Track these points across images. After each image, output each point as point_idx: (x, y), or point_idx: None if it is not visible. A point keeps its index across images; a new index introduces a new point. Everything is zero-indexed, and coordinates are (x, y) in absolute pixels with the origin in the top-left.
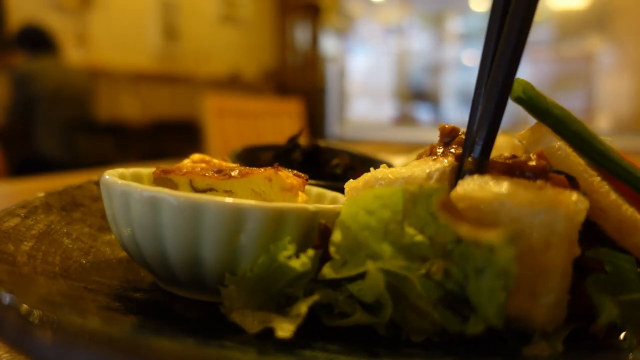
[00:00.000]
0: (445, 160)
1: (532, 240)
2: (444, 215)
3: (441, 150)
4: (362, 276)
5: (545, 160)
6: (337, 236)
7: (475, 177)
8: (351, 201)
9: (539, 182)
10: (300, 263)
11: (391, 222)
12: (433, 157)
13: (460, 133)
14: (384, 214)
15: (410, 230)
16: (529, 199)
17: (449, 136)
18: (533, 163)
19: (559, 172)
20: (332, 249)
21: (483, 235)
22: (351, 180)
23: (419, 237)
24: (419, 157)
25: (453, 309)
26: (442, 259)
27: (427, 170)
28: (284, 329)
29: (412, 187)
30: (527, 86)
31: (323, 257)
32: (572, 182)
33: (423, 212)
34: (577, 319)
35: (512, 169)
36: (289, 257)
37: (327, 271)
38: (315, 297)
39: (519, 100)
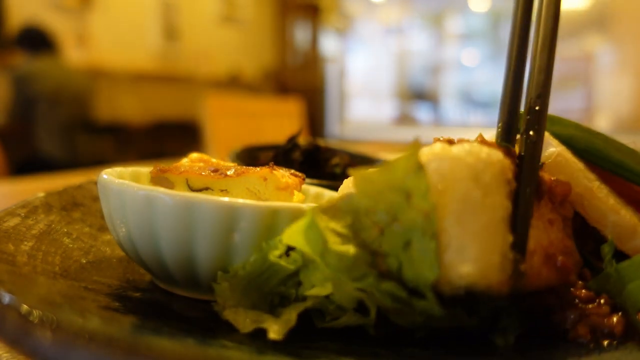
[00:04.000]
0: None
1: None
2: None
3: None
4: None
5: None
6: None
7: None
8: (289, 232)
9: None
10: (292, 261)
11: (323, 248)
12: None
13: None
14: (316, 242)
15: (342, 248)
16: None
17: None
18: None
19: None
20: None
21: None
22: (346, 181)
23: (350, 250)
24: None
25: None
26: (374, 257)
27: None
28: (276, 331)
29: (318, 207)
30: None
31: None
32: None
33: (331, 226)
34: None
35: None
36: (280, 256)
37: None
38: (307, 303)
39: None
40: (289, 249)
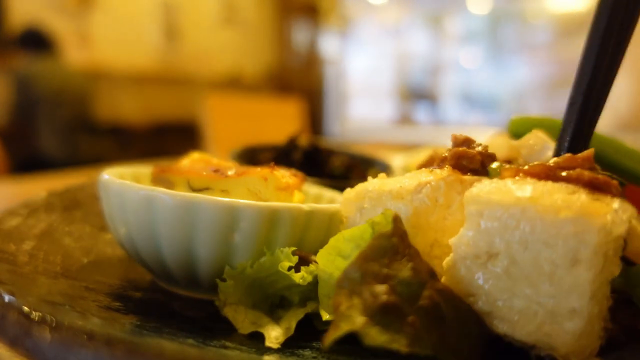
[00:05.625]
0: (440, 172)
1: (555, 252)
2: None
3: (444, 158)
4: None
5: (588, 164)
6: (322, 288)
7: (495, 179)
8: (325, 249)
9: (573, 187)
10: (300, 277)
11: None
12: (430, 169)
13: (474, 144)
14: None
15: (385, 270)
16: (555, 205)
17: (461, 146)
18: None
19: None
20: (321, 307)
21: None
22: (347, 189)
23: (401, 273)
24: (420, 167)
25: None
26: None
27: (416, 182)
28: (272, 340)
29: (379, 218)
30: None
31: None
32: (620, 185)
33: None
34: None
35: (549, 173)
36: (289, 270)
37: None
38: (307, 309)
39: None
40: (299, 264)
